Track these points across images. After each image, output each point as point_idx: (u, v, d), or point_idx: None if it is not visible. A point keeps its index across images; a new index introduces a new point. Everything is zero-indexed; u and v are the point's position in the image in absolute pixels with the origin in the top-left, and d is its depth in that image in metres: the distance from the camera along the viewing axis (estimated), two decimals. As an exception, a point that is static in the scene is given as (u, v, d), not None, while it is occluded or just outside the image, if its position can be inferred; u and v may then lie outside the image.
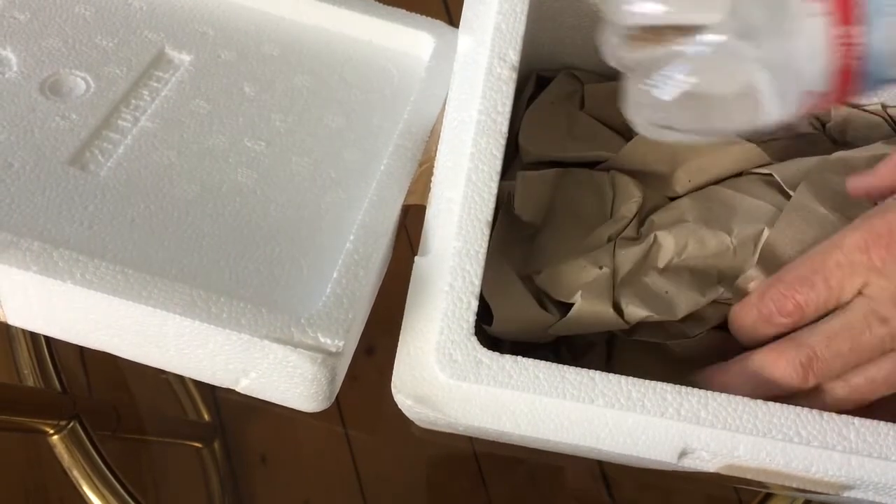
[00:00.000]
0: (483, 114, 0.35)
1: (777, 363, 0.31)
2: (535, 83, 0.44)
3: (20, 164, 0.33)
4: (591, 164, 0.41)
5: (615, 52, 0.32)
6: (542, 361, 0.30)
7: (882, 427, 0.30)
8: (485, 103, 0.35)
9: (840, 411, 0.30)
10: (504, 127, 0.35)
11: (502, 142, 0.34)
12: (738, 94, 0.29)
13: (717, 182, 0.40)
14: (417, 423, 0.35)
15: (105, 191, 0.33)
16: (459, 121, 0.35)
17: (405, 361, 0.32)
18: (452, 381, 0.31)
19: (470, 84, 0.36)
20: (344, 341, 0.30)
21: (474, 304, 0.31)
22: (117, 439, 0.54)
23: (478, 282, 0.32)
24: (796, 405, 0.30)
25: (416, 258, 0.33)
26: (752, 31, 0.26)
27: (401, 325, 0.32)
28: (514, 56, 0.36)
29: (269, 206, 0.34)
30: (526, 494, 0.53)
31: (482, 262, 0.32)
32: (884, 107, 0.42)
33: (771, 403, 0.30)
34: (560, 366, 0.30)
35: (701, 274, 0.36)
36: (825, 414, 0.30)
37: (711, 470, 0.32)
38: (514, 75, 0.36)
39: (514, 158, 0.41)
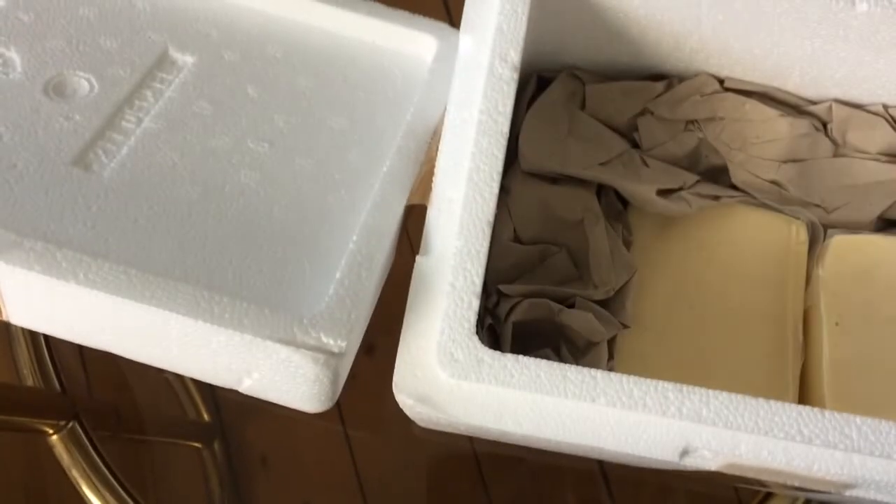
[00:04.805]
0: (484, 114, 0.35)
1: None
2: (535, 84, 0.44)
3: (24, 164, 0.33)
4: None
5: None
6: (544, 360, 0.31)
7: (884, 425, 0.30)
8: (486, 103, 0.35)
9: None
10: (505, 127, 0.35)
11: (503, 142, 0.34)
12: None
13: None
14: (418, 422, 0.35)
15: (108, 191, 0.33)
16: (461, 121, 0.35)
17: (406, 361, 0.32)
18: (454, 380, 0.31)
19: (471, 84, 0.36)
20: (346, 342, 0.30)
21: (475, 304, 0.31)
22: (117, 439, 0.54)
23: (479, 281, 0.32)
24: None
25: (418, 258, 0.33)
26: None
27: (401, 324, 0.32)
28: (515, 56, 0.36)
29: (272, 206, 0.34)
30: (526, 494, 0.53)
31: (483, 262, 0.32)
32: (885, 107, 0.42)
33: (773, 402, 0.30)
34: (562, 364, 0.31)
35: None
36: (827, 412, 0.30)
37: (713, 469, 0.32)
38: (516, 75, 0.36)
39: (514, 158, 0.42)
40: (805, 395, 0.39)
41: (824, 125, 0.43)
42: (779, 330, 0.40)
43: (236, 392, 0.33)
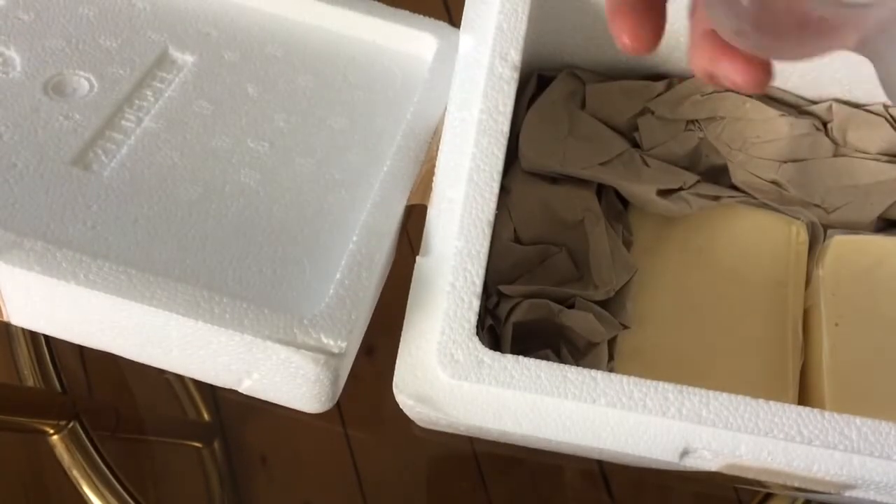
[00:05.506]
0: (484, 113, 0.35)
1: None
2: (535, 83, 0.44)
3: (24, 164, 0.33)
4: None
5: None
6: (544, 361, 0.31)
7: (884, 426, 0.30)
8: (486, 103, 0.35)
9: None
10: (505, 126, 0.35)
11: (503, 141, 0.34)
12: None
13: None
14: (418, 422, 0.35)
15: (108, 191, 0.33)
16: (461, 120, 0.35)
17: (407, 361, 0.32)
18: (454, 380, 0.31)
19: (471, 83, 0.36)
20: (346, 342, 0.30)
21: (476, 304, 0.31)
22: (117, 439, 0.54)
23: (479, 281, 0.32)
24: None
25: (418, 258, 0.33)
26: None
27: (401, 325, 0.32)
28: (515, 55, 0.36)
29: (272, 206, 0.34)
30: (526, 494, 0.53)
31: (484, 262, 0.32)
32: (885, 107, 0.42)
33: (773, 402, 0.30)
34: (562, 365, 0.30)
35: None
36: (827, 413, 0.30)
37: (713, 469, 0.32)
38: (516, 75, 0.36)
39: (515, 158, 0.42)
40: (805, 395, 0.39)
41: (825, 125, 0.43)
42: (779, 330, 0.40)
43: (236, 392, 0.33)
